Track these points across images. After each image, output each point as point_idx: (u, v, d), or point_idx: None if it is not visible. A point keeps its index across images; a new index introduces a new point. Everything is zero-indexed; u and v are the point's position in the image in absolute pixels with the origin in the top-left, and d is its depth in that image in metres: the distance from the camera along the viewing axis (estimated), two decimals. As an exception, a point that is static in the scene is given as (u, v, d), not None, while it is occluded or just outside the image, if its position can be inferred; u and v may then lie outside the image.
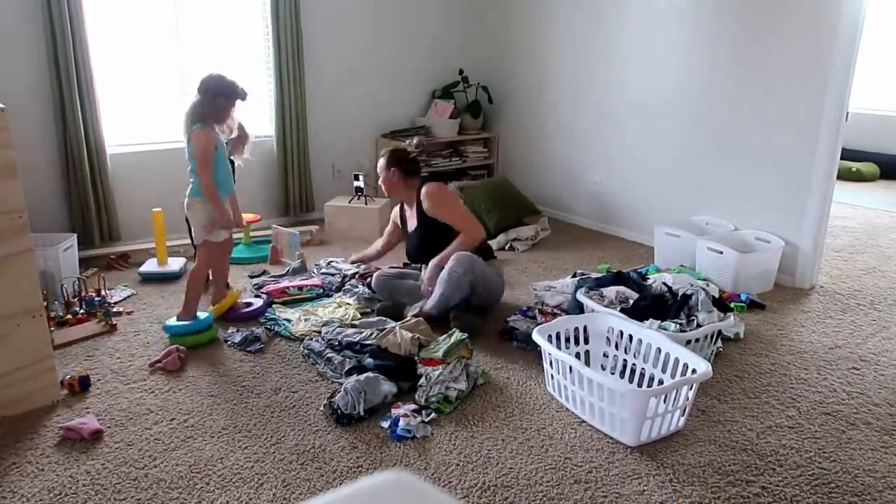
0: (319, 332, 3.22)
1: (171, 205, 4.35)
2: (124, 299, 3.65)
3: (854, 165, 7.18)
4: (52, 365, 2.64)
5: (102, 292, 3.44)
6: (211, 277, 3.50)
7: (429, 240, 3.50)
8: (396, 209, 3.81)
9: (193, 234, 3.31)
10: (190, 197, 3.20)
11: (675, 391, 2.40)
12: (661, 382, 2.60)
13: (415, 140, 3.67)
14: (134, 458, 2.32)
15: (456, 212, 3.51)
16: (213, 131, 3.12)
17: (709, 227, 4.31)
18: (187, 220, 3.43)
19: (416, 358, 2.80)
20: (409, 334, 2.90)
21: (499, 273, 3.55)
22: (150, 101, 4.52)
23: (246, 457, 2.33)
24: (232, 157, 3.40)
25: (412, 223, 3.62)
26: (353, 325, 3.29)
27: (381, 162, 3.60)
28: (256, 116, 4.99)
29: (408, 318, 3.14)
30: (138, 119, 4.50)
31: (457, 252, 3.30)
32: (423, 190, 3.51)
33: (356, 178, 4.89)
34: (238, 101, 3.17)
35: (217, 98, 3.09)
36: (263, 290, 3.74)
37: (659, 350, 2.64)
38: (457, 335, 2.88)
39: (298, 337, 3.22)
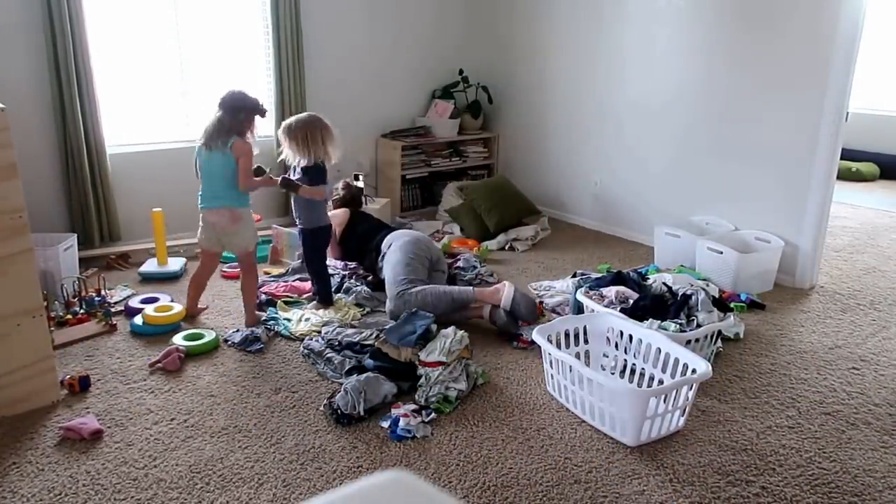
0: (319, 332, 3.22)
1: (171, 205, 4.35)
2: (124, 299, 3.64)
3: (854, 165, 7.18)
4: (52, 365, 2.64)
5: (102, 292, 3.44)
6: (192, 290, 3.47)
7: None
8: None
9: (242, 244, 3.28)
10: (234, 208, 3.21)
11: (675, 391, 2.40)
12: (661, 382, 2.60)
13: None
14: (134, 458, 2.32)
15: None
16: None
17: (709, 227, 4.31)
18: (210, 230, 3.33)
19: (415, 362, 2.79)
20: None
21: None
22: (150, 101, 4.52)
23: (246, 457, 2.33)
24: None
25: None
26: (353, 326, 3.30)
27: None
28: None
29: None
30: (138, 119, 4.50)
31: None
32: None
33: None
34: (258, 118, 3.24)
35: (240, 113, 3.17)
36: (263, 289, 3.75)
37: (659, 350, 2.64)
38: (457, 335, 2.86)
39: (298, 337, 3.22)
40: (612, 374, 2.81)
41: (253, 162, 3.20)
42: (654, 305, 3.00)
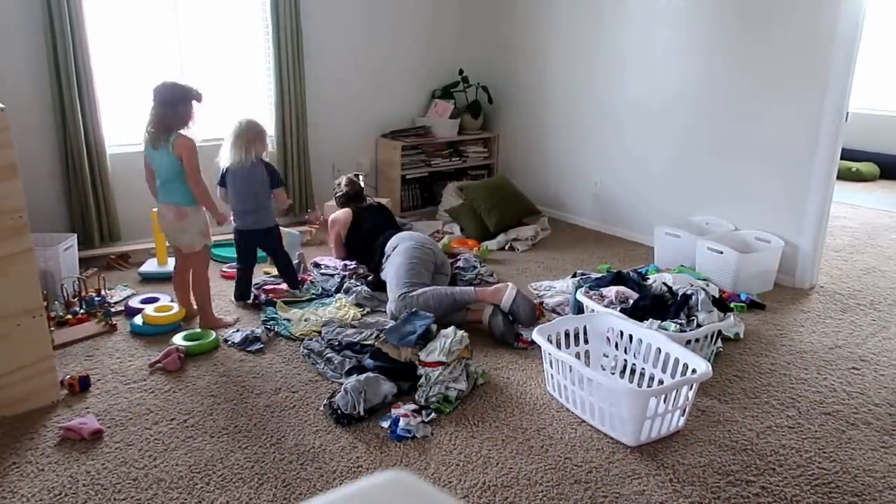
0: (319, 332, 3.22)
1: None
2: (124, 299, 3.64)
3: (854, 165, 7.18)
4: (52, 365, 2.64)
5: (102, 292, 3.44)
6: (176, 290, 3.46)
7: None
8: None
9: (187, 242, 3.25)
10: (180, 205, 3.18)
11: (675, 391, 2.40)
12: (661, 382, 2.60)
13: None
14: (134, 458, 2.32)
15: None
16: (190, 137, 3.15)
17: (709, 227, 4.31)
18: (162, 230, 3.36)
19: (415, 362, 2.79)
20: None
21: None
22: (150, 102, 4.50)
23: (246, 457, 2.33)
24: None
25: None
26: (353, 326, 3.29)
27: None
28: (256, 116, 4.98)
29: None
30: (138, 119, 4.48)
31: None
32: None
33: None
34: (195, 103, 3.18)
35: (177, 105, 3.12)
36: (263, 289, 3.75)
37: (659, 350, 2.64)
38: (457, 335, 2.86)
39: (298, 337, 3.22)
40: (612, 374, 2.81)
41: (196, 157, 3.14)
42: (654, 305, 3.00)
